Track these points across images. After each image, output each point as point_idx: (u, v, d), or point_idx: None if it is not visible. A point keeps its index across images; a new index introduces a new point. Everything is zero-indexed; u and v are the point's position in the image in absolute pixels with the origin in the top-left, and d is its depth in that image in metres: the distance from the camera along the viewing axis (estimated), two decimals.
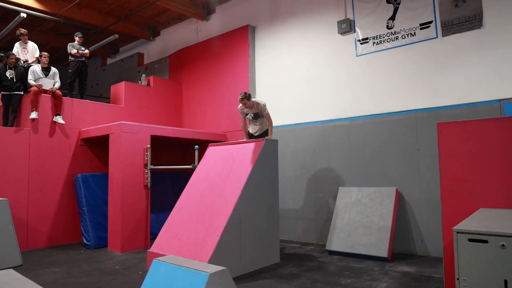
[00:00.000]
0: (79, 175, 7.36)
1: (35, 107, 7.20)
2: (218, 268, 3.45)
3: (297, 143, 7.65)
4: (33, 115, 7.14)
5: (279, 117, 7.94)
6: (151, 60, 11.72)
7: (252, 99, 6.38)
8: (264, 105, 6.41)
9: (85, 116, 8.04)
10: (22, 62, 8.00)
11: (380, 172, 6.52)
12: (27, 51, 8.35)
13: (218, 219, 5.08)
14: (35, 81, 7.54)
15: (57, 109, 7.52)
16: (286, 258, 6.03)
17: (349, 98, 7.08)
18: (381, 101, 6.68)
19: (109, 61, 13.64)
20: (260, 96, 8.42)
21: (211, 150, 6.38)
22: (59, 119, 7.48)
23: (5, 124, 7.41)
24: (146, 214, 7.05)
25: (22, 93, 7.52)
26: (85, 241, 7.05)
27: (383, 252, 5.59)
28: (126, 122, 6.97)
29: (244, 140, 6.39)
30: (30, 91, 7.31)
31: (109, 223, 6.88)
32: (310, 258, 5.98)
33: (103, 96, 12.41)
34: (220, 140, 8.54)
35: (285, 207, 7.62)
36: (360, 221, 6.14)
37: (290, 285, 4.61)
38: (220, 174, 5.75)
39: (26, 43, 8.30)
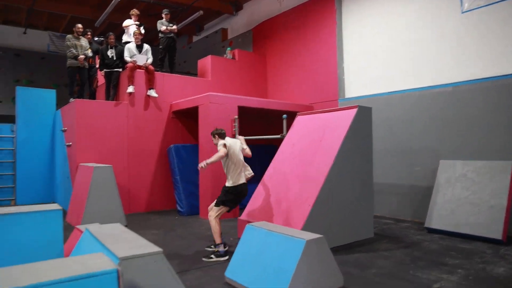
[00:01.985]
0: (172, 146, 7.69)
1: (131, 81, 7.63)
2: (315, 235, 3.29)
3: (390, 112, 7.10)
4: (130, 89, 7.58)
5: (368, 86, 7.43)
6: (234, 34, 11.74)
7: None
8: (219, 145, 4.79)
9: (175, 90, 8.34)
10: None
11: (489, 144, 5.76)
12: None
13: (309, 189, 4.91)
14: (130, 57, 7.96)
15: (150, 83, 7.90)
16: (380, 234, 5.69)
17: (452, 61, 6.32)
18: (490, 63, 5.84)
19: (195, 38, 14.00)
20: (347, 64, 7.95)
21: (300, 120, 6.18)
22: (152, 93, 7.85)
23: (107, 98, 7.99)
24: None
25: (120, 70, 8.03)
26: (178, 208, 7.41)
27: (497, 234, 4.95)
28: (214, 93, 7.06)
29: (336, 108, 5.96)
30: (127, 67, 7.76)
31: (200, 192, 7.12)
32: (407, 235, 5.56)
33: (190, 73, 12.82)
34: (306, 111, 8.28)
35: (376, 181, 7.18)
36: (466, 197, 5.51)
37: (388, 261, 4.31)
38: (310, 144, 5.54)
39: (136, 20, 8.81)
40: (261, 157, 8.96)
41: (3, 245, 2.66)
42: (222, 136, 4.93)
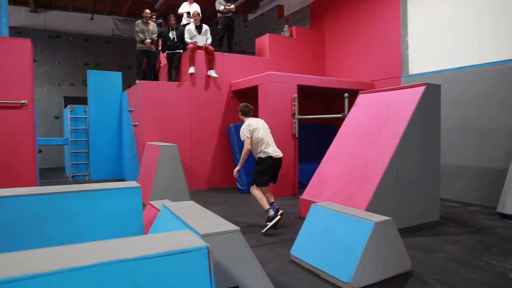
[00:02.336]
0: (231, 125, 7.86)
1: (192, 62, 7.83)
2: (383, 217, 3.25)
3: (460, 89, 6.67)
4: (191, 70, 7.79)
5: (435, 62, 7.01)
6: (291, 11, 11.53)
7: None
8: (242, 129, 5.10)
9: (234, 70, 8.44)
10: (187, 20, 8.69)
11: None
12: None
13: (373, 169, 4.82)
14: (190, 39, 8.14)
15: (210, 64, 8.06)
16: (446, 217, 5.48)
17: None
18: None
19: (250, 17, 13.95)
20: (412, 38, 7.53)
21: (362, 98, 6.02)
22: (212, 73, 8.02)
23: (170, 79, 8.29)
24: (294, 164, 7.19)
25: (181, 51, 8.27)
26: (238, 186, 7.62)
27: None
28: (273, 72, 7.05)
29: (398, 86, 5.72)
30: (187, 48, 7.96)
31: None
32: (476, 220, 5.30)
33: (246, 51, 12.87)
34: (368, 89, 8.04)
35: (443, 162, 6.86)
36: None
37: (457, 246, 4.16)
38: (374, 123, 5.40)
39: (191, 3, 8.97)
40: (319, 136, 8.91)
41: (86, 221, 2.91)
42: (245, 114, 5.34)
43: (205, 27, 8.23)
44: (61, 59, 13.10)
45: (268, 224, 4.69)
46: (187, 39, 8.13)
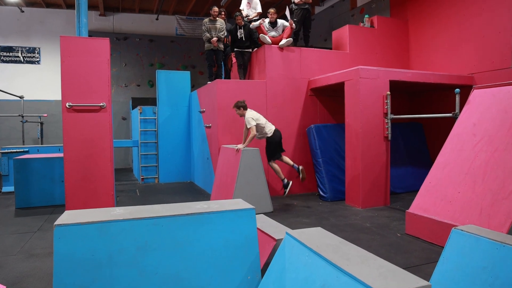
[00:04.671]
0: (312, 125, 7.18)
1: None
2: None
3: None
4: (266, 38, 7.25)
5: None
6: (366, 0, 10.60)
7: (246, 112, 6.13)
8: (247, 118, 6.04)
9: (312, 65, 7.74)
10: (244, 17, 8.16)
11: None
12: (250, 6, 8.49)
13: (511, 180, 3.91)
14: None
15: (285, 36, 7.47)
16: None
17: None
18: None
19: (317, 9, 13.14)
20: None
21: (478, 94, 5.07)
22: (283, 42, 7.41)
23: (240, 78, 7.78)
24: (386, 169, 6.37)
25: (250, 50, 7.77)
26: (321, 192, 6.92)
27: None
28: (364, 67, 6.26)
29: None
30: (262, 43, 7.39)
31: (346, 176, 6.51)
32: None
33: (314, 46, 12.10)
34: (466, 84, 7.00)
35: None
36: None
37: None
38: (501, 124, 4.46)
39: None
40: (405, 137, 7.98)
41: (193, 251, 2.38)
42: (245, 107, 6.14)
43: (279, 22, 7.60)
44: (128, 60, 13.14)
45: (285, 191, 6.20)
46: (262, 36, 7.57)
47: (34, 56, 12.61)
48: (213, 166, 7.28)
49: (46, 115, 11.71)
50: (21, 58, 12.51)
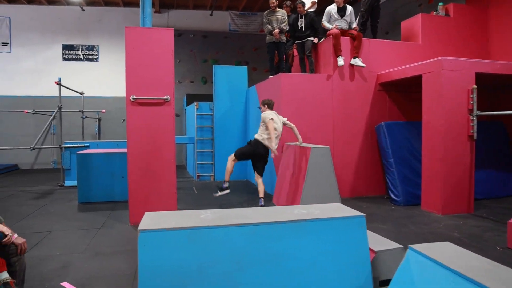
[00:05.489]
0: (382, 123, 6.59)
1: (339, 51, 6.74)
2: None
3: None
4: (340, 61, 6.71)
5: None
6: None
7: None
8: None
9: (382, 58, 7.15)
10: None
11: None
12: None
13: None
14: (328, 22, 7.07)
15: (355, 51, 6.89)
16: None
17: None
18: None
19: None
20: None
21: None
22: (358, 62, 6.83)
23: (303, 70, 7.34)
24: (470, 172, 5.68)
25: (312, 39, 7.28)
26: (392, 195, 6.33)
27: None
28: (447, 58, 5.61)
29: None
30: (330, 35, 6.89)
31: (423, 178, 5.88)
32: None
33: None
34: None
35: None
36: None
37: None
38: None
39: None
40: (485, 136, 7.15)
41: (296, 264, 1.98)
42: (270, 106, 5.76)
43: (349, 9, 7.07)
44: (182, 56, 13.10)
45: (218, 193, 5.82)
46: (324, 22, 7.08)
47: (93, 54, 12.90)
48: (274, 165, 6.91)
49: (104, 111, 11.91)
50: (81, 56, 12.83)
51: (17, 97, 12.05)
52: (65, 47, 12.70)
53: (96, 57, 12.91)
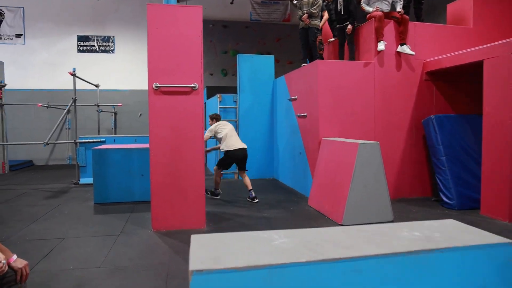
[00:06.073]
0: (432, 116, 5.84)
1: (381, 35, 6.00)
2: None
3: None
4: (381, 46, 5.96)
5: None
6: None
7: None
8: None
9: (427, 44, 6.38)
10: None
11: None
12: None
13: None
14: (367, 5, 6.34)
15: (401, 37, 6.14)
16: None
17: None
18: None
19: None
20: None
21: None
22: (406, 49, 6.08)
23: (341, 57, 6.63)
24: None
25: (348, 23, 6.54)
26: (444, 198, 5.59)
27: None
28: None
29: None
30: (371, 18, 6.16)
31: (483, 179, 5.12)
32: None
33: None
34: None
35: None
36: None
37: None
38: None
39: None
40: None
41: None
42: (218, 119, 6.27)
43: None
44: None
45: (208, 194, 6.05)
46: (364, 5, 6.35)
47: (108, 45, 12.37)
48: (308, 162, 6.23)
49: (121, 104, 11.38)
50: (97, 47, 12.32)
51: (31, 91, 11.60)
52: (80, 38, 12.20)
53: (112, 48, 12.38)
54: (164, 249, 3.75)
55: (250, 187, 5.97)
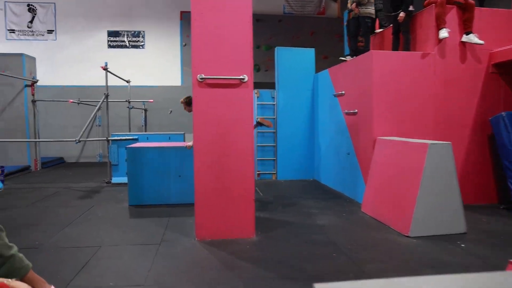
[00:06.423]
0: (503, 113, 5.18)
1: (443, 22, 5.37)
2: None
3: None
4: (444, 33, 5.31)
5: None
6: None
7: None
8: None
9: (494, 32, 5.68)
10: None
11: None
12: None
13: None
14: None
15: (466, 25, 5.48)
16: None
17: None
18: None
19: None
20: None
21: None
22: (473, 39, 5.42)
23: (395, 48, 6.03)
24: None
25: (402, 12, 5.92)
26: None
27: None
28: None
29: None
30: (430, 3, 5.54)
31: None
32: None
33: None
34: None
35: None
36: None
37: None
38: None
39: None
40: None
41: None
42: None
43: None
44: None
45: None
46: None
47: (138, 41, 12.11)
48: (359, 164, 5.67)
49: (152, 100, 11.08)
50: (127, 42, 12.08)
51: (62, 87, 11.46)
52: (110, 34, 11.99)
53: (142, 43, 12.11)
54: (213, 263, 3.30)
55: None
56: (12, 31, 11.78)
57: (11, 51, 10.55)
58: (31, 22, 11.84)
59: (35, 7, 11.81)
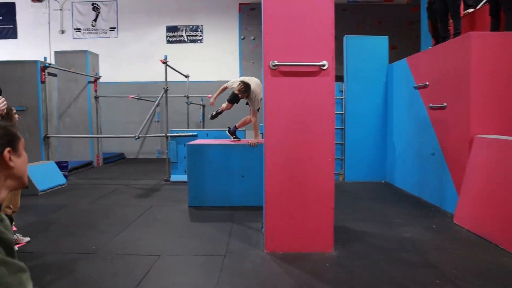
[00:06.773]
0: None
1: None
2: None
3: None
4: None
5: None
6: None
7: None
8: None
9: None
10: None
11: None
12: None
13: None
14: None
15: None
16: None
17: None
18: None
19: None
20: None
21: None
22: None
23: (494, 29, 5.09)
24: None
25: None
26: None
27: None
28: None
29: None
30: None
31: None
32: None
33: None
34: None
35: None
36: None
37: None
38: None
39: None
40: None
41: None
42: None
43: None
44: None
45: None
46: None
47: (197, 35, 11.90)
48: (448, 166, 4.86)
49: (210, 95, 10.80)
50: (185, 37, 11.92)
51: (123, 83, 11.55)
52: (169, 29, 11.89)
53: (200, 38, 11.89)
54: (287, 283, 2.77)
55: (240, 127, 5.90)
56: (78, 30, 12.09)
57: (77, 49, 10.77)
58: (95, 20, 12.07)
59: (99, 6, 12.02)
